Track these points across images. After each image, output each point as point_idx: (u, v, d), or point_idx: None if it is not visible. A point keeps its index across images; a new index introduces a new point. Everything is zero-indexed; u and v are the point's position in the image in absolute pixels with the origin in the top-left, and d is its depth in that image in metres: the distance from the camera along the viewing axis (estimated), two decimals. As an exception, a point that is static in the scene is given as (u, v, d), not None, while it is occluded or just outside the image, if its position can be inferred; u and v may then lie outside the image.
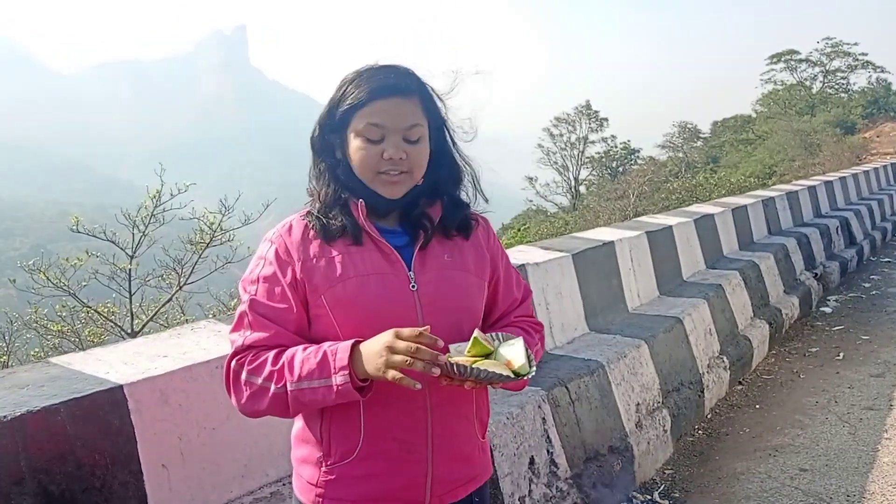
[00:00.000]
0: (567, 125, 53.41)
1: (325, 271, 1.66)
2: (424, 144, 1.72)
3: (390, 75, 1.70)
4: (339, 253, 1.68)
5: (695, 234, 6.47)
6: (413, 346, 1.46)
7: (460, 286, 1.74)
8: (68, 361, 2.31)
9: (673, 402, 4.46)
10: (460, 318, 1.72)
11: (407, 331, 1.50)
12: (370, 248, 1.70)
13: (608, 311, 4.76)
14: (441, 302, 1.70)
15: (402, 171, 1.68)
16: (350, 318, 1.65)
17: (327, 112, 1.74)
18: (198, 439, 2.28)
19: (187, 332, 2.66)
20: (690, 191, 31.69)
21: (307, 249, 1.69)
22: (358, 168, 1.69)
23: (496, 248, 1.88)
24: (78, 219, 10.78)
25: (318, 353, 1.58)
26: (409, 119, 1.68)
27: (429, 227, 1.75)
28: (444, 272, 1.72)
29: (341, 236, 1.70)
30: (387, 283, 1.67)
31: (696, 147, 54.25)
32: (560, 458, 3.38)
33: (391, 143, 1.67)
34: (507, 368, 1.50)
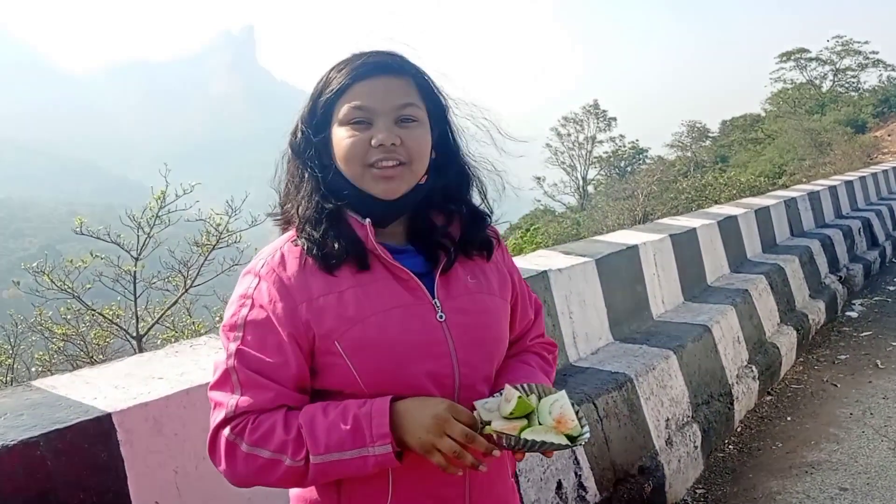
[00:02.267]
0: (575, 125, 53.12)
1: (336, 311, 1.37)
2: (423, 130, 1.44)
3: (377, 55, 1.45)
4: (348, 286, 1.39)
5: (718, 236, 6.22)
6: (469, 433, 1.29)
7: (489, 312, 1.51)
8: (52, 385, 2.08)
9: (703, 415, 4.21)
10: (491, 348, 1.50)
11: (464, 416, 1.33)
12: (382, 274, 1.42)
13: (632, 320, 4.51)
14: (473, 332, 1.46)
15: (399, 163, 1.39)
16: (372, 364, 1.38)
17: (309, 107, 1.47)
18: (196, 472, 2.05)
19: (185, 350, 2.43)
20: (700, 190, 31.39)
21: (308, 284, 1.39)
22: (344, 163, 1.41)
23: (511, 263, 1.65)
24: (82, 220, 10.62)
25: (348, 417, 1.32)
26: (401, 97, 1.41)
27: (450, 248, 1.49)
28: (470, 297, 1.48)
29: (344, 262, 1.41)
30: (411, 318, 1.40)
31: (704, 146, 53.82)
32: (589, 480, 3.15)
33: (381, 125, 1.39)
34: (558, 433, 1.31)
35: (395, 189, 1.40)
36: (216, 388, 1.39)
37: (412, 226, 1.50)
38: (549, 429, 1.30)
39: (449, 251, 1.48)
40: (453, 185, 1.52)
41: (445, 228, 1.51)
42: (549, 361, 1.67)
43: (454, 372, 1.42)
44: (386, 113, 1.39)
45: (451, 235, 1.50)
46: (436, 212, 1.52)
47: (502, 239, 1.66)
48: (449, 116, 1.51)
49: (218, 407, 1.37)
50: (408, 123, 1.40)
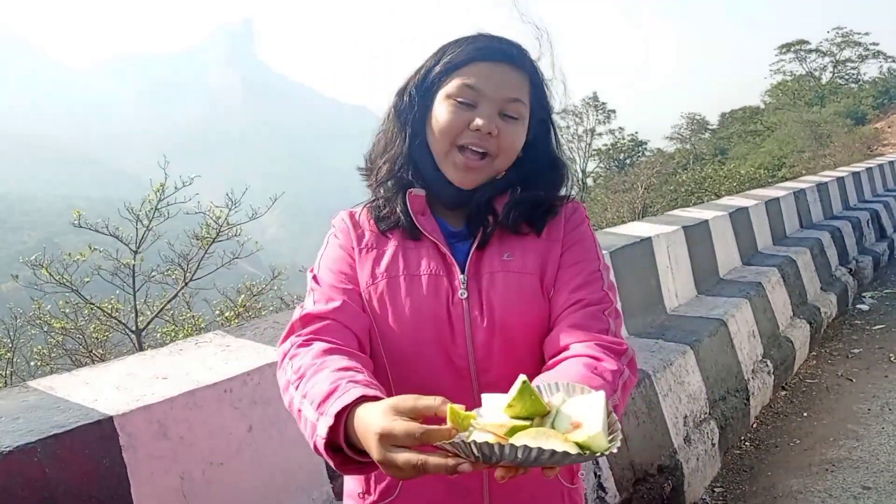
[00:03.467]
0: (574, 117, 52.88)
1: (372, 264, 1.39)
2: (521, 129, 1.39)
3: (503, 41, 1.40)
4: (393, 245, 1.40)
5: (730, 228, 6.09)
6: (418, 430, 0.96)
7: (516, 292, 1.34)
8: (50, 386, 1.95)
9: (720, 412, 4.10)
10: (517, 337, 1.34)
11: (407, 402, 1.01)
12: (427, 244, 1.39)
13: (647, 313, 4.39)
14: (492, 314, 1.33)
15: (486, 154, 1.35)
16: (389, 325, 1.35)
17: (422, 74, 1.42)
18: (203, 477, 1.93)
19: (190, 348, 2.31)
20: (699, 183, 31.25)
21: (362, 236, 1.43)
22: (436, 136, 1.37)
23: (574, 237, 1.42)
24: (80, 213, 10.46)
25: (336, 381, 1.15)
26: (514, 91, 1.36)
27: (489, 221, 1.39)
28: (497, 275, 1.35)
29: (397, 227, 1.41)
30: (436, 289, 1.35)
31: (704, 139, 53.66)
32: (608, 481, 3.03)
33: (485, 111, 1.34)
34: (567, 441, 0.92)
35: (473, 180, 1.38)
36: (306, 299, 1.42)
37: (474, 212, 1.42)
38: (551, 434, 0.92)
39: (487, 224, 1.40)
40: (533, 175, 1.44)
41: (490, 199, 1.41)
42: (606, 361, 1.23)
43: (468, 353, 1.34)
44: (494, 101, 1.35)
45: (495, 209, 1.42)
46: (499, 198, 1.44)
47: (579, 211, 1.46)
48: (552, 118, 1.47)
49: None
50: (510, 118, 1.36)
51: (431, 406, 0.98)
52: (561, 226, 1.43)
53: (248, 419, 2.06)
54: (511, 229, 1.40)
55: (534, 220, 1.42)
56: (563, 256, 1.40)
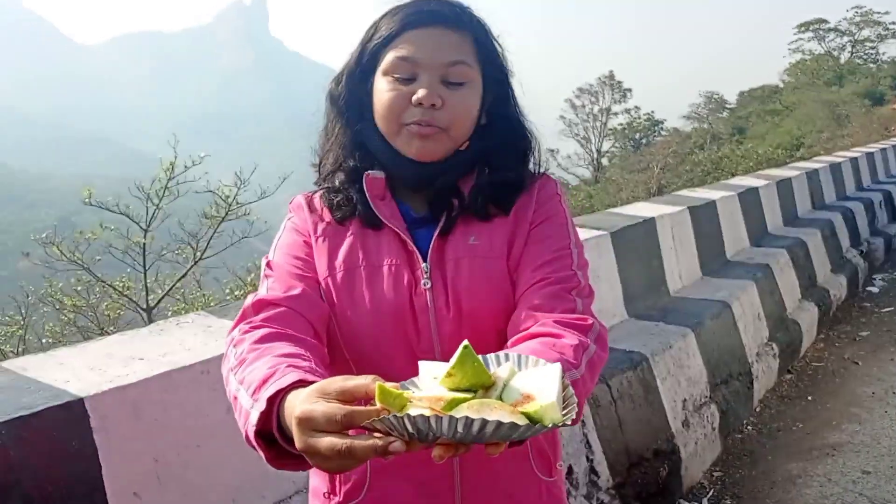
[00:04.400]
0: (590, 96, 52.41)
1: (329, 253, 1.30)
2: (471, 94, 1.28)
3: (433, 2, 1.28)
4: (350, 234, 1.31)
5: (739, 208, 6.00)
6: (339, 411, 0.84)
7: (483, 278, 1.25)
8: (23, 366, 1.93)
9: (721, 395, 4.04)
10: (487, 326, 1.25)
11: (335, 383, 0.89)
12: (387, 232, 1.30)
13: (648, 296, 4.33)
14: (458, 303, 1.25)
15: (436, 127, 1.24)
16: (348, 319, 1.26)
17: (356, 54, 1.33)
18: (178, 460, 1.91)
19: (171, 328, 2.28)
20: (716, 163, 30.92)
21: (317, 224, 1.34)
22: (380, 118, 1.28)
23: (544, 211, 1.31)
24: (91, 191, 10.49)
25: (274, 366, 1.03)
26: (452, 54, 1.25)
27: (454, 205, 1.30)
28: (463, 261, 1.26)
29: (353, 216, 1.32)
30: (396, 280, 1.26)
31: (721, 118, 53.08)
32: (601, 465, 2.99)
33: (424, 81, 1.24)
34: (515, 412, 0.80)
35: (431, 151, 1.26)
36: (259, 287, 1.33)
37: (438, 193, 1.32)
38: (495, 405, 0.80)
39: (452, 209, 1.30)
40: (499, 148, 1.34)
41: (453, 182, 1.32)
42: (568, 336, 1.12)
43: (433, 346, 1.24)
44: (432, 69, 1.24)
45: (460, 190, 1.32)
46: (461, 168, 1.33)
47: (550, 184, 1.36)
48: (508, 77, 1.35)
49: None
50: (455, 85, 1.25)
51: (361, 385, 0.86)
52: (532, 203, 1.33)
53: (225, 401, 2.01)
54: (478, 213, 1.30)
55: (501, 201, 1.32)
56: (531, 232, 1.30)
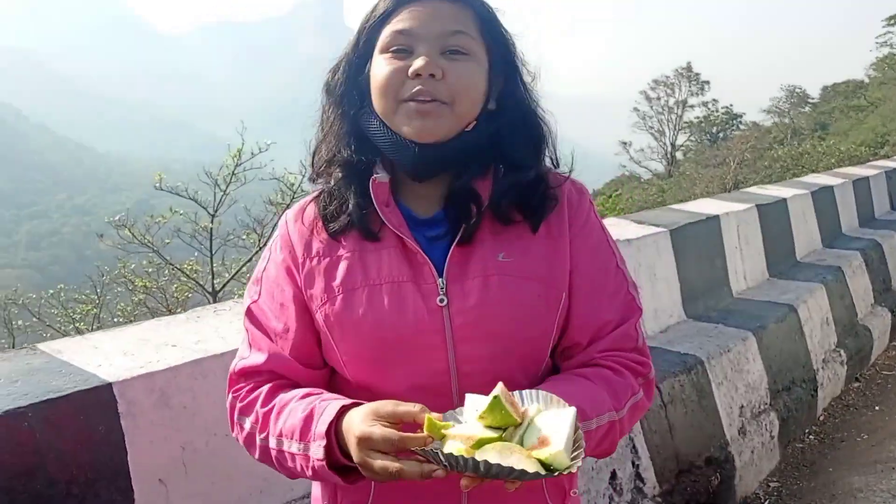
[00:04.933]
0: (665, 88, 51.18)
1: (325, 277, 1.20)
2: (475, 66, 1.18)
3: None
4: (348, 250, 1.20)
5: (811, 208, 5.73)
6: (395, 437, 0.98)
7: (517, 301, 1.17)
8: (58, 349, 1.94)
9: (782, 403, 3.86)
10: (513, 350, 1.18)
11: (387, 407, 1.03)
12: (391, 243, 1.19)
13: (709, 296, 4.16)
14: (484, 325, 1.15)
15: (438, 100, 1.14)
16: (353, 346, 1.18)
17: (353, 40, 1.24)
18: (206, 448, 1.89)
19: (208, 315, 2.28)
20: (796, 159, 29.77)
21: (311, 242, 1.23)
22: (377, 97, 1.18)
23: (584, 233, 1.24)
24: (161, 176, 10.77)
25: (309, 405, 1.14)
26: (451, 23, 1.16)
27: (473, 211, 1.19)
28: (492, 279, 1.16)
29: (352, 226, 1.21)
30: (404, 297, 1.16)
31: (803, 113, 51.13)
32: (647, 471, 2.88)
33: (422, 51, 1.15)
34: (528, 456, 0.94)
35: (432, 129, 1.15)
36: (241, 344, 1.29)
37: (450, 187, 1.22)
38: (514, 450, 0.94)
39: (470, 215, 1.19)
40: (506, 137, 1.23)
41: (469, 184, 1.21)
42: (621, 376, 1.20)
43: (449, 369, 1.16)
44: (430, 39, 1.15)
45: (477, 193, 1.20)
46: (476, 167, 1.23)
47: (584, 198, 1.28)
48: (517, 61, 1.25)
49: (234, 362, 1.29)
50: (456, 56, 1.16)
51: (410, 413, 1.00)
52: (564, 215, 1.24)
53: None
54: (502, 220, 1.20)
55: (527, 208, 1.22)
56: (575, 259, 1.22)
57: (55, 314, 13.13)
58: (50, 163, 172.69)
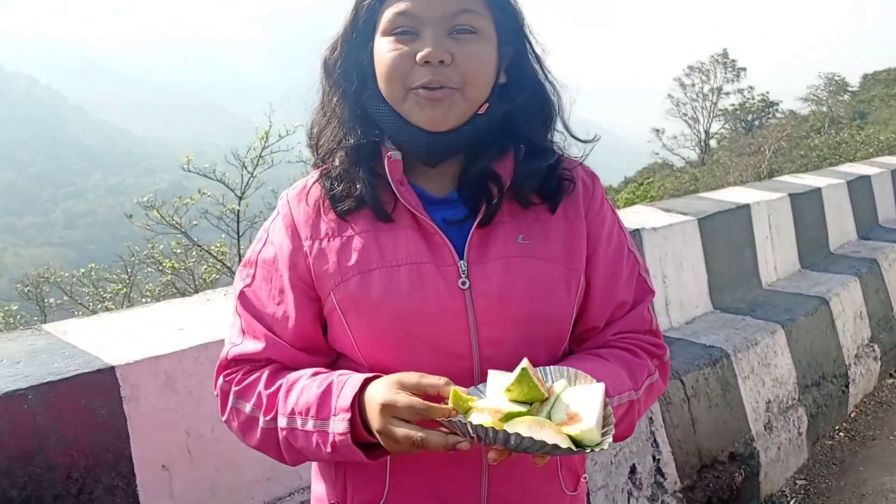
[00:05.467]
0: (700, 74, 50.36)
1: (337, 257, 1.14)
2: (485, 45, 1.12)
3: None
4: (360, 230, 1.15)
5: (847, 198, 5.56)
6: (420, 405, 0.97)
7: (540, 283, 1.15)
8: (63, 330, 1.92)
9: (811, 398, 3.75)
10: (533, 328, 1.14)
11: (412, 378, 1.01)
12: (406, 223, 1.14)
13: (737, 287, 4.05)
14: (507, 307, 1.13)
15: (448, 87, 1.09)
16: (368, 328, 1.13)
17: (351, 16, 1.18)
18: (211, 434, 1.86)
19: (218, 298, 2.24)
20: (833, 148, 29.15)
21: (318, 223, 1.17)
22: (383, 83, 1.13)
23: (599, 218, 1.23)
24: (189, 158, 10.81)
25: (325, 380, 1.10)
26: (455, 2, 1.09)
27: (494, 192, 1.15)
28: (514, 260, 1.14)
29: (362, 206, 1.15)
30: (424, 279, 1.11)
31: (842, 101, 50.03)
32: (668, 466, 2.80)
33: (428, 36, 1.09)
34: (557, 432, 0.92)
35: (443, 117, 1.11)
36: (230, 329, 1.25)
37: (464, 166, 1.19)
38: (546, 424, 0.92)
39: (491, 197, 1.15)
40: (521, 110, 1.19)
41: (489, 165, 1.17)
42: (638, 357, 1.21)
43: (472, 353, 1.12)
44: (436, 21, 1.09)
45: (498, 175, 1.17)
46: (495, 149, 1.19)
47: (597, 183, 1.27)
48: (526, 30, 1.19)
49: (225, 348, 1.24)
50: (464, 35, 1.10)
51: (435, 385, 0.99)
52: (579, 199, 1.22)
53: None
54: (522, 202, 1.18)
55: (545, 190, 1.19)
56: (592, 242, 1.21)
57: (86, 293, 13.31)
58: (86, 144, 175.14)
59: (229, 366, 1.22)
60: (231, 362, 1.21)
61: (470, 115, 1.14)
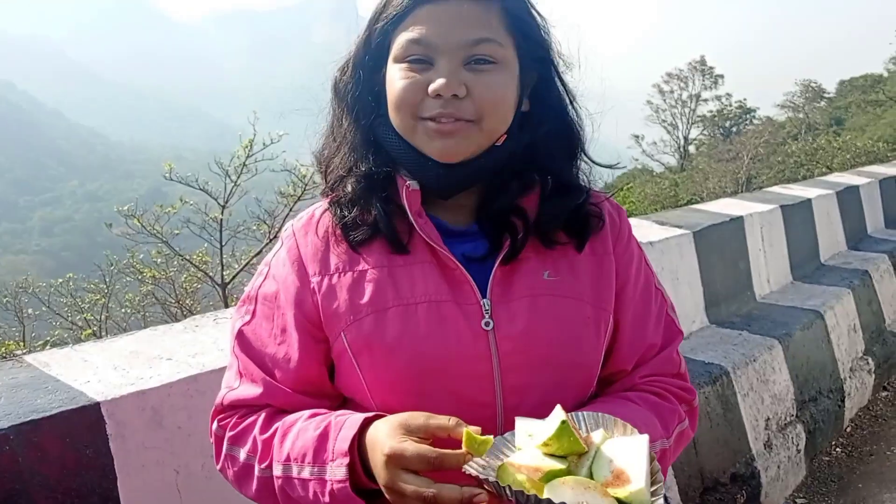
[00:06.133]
0: (679, 81, 50.76)
1: (349, 294, 1.05)
2: (504, 76, 1.04)
3: None
4: (374, 264, 1.06)
5: (836, 208, 5.54)
6: (432, 454, 0.86)
7: (568, 323, 1.07)
8: (46, 362, 1.81)
9: (809, 414, 3.70)
10: (561, 375, 1.07)
11: (418, 419, 0.91)
12: (424, 258, 1.06)
13: (732, 301, 4.00)
14: (534, 351, 1.04)
15: (462, 119, 1.01)
16: (382, 372, 1.04)
17: (363, 38, 1.09)
18: (202, 472, 1.76)
19: (207, 324, 2.14)
20: (810, 155, 29.46)
21: (328, 256, 1.08)
22: (393, 112, 1.05)
23: (627, 255, 1.17)
24: (171, 166, 10.64)
25: (322, 422, 1.00)
26: (475, 28, 1.01)
27: (519, 227, 1.08)
28: (540, 299, 1.06)
29: (376, 237, 1.07)
30: (444, 319, 1.03)
31: (818, 108, 50.62)
32: (671, 490, 2.73)
33: (442, 67, 1.00)
34: (604, 494, 0.83)
35: (455, 149, 1.03)
36: (228, 369, 1.16)
37: (482, 199, 1.12)
38: (591, 486, 0.83)
39: (516, 232, 1.08)
40: (546, 142, 1.11)
41: (514, 201, 1.10)
42: (669, 403, 1.15)
43: (496, 401, 1.04)
44: (451, 50, 1.01)
45: (524, 210, 1.09)
46: (517, 182, 1.12)
47: (624, 218, 1.20)
48: (553, 56, 1.11)
49: (221, 391, 1.15)
50: (481, 66, 1.02)
51: (445, 427, 0.89)
52: (607, 235, 1.16)
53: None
54: (547, 239, 1.10)
55: (572, 226, 1.12)
56: (621, 280, 1.15)
57: (64, 303, 13.06)
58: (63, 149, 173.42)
59: (225, 410, 1.13)
60: (227, 407, 1.13)
61: (486, 147, 1.06)
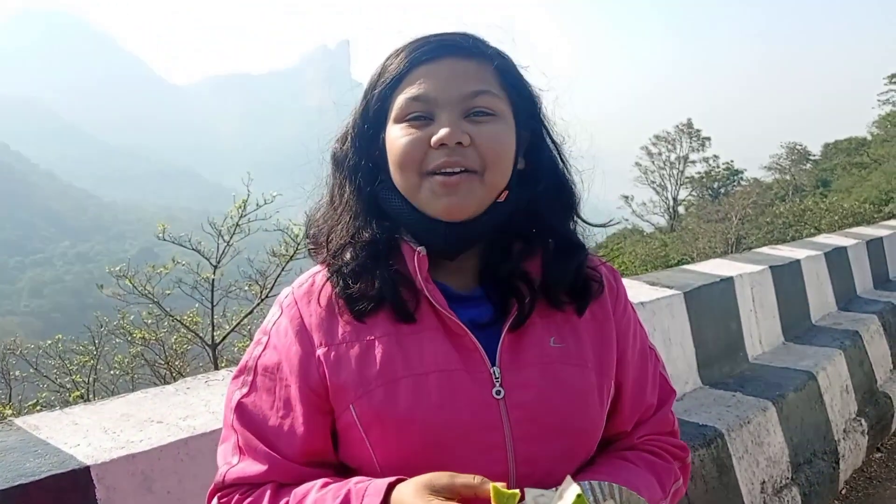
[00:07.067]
0: (667, 143, 51.60)
1: (357, 365, 1.04)
2: (503, 126, 1.06)
3: (443, 34, 1.08)
4: (381, 334, 1.05)
5: (825, 269, 5.59)
6: None
7: (576, 391, 1.07)
8: (35, 425, 1.79)
9: (804, 476, 3.67)
10: (570, 442, 1.07)
11: (443, 479, 0.90)
12: (430, 324, 1.06)
13: (724, 362, 4.00)
14: (544, 419, 1.04)
15: (467, 170, 1.02)
16: (393, 444, 1.02)
17: (361, 106, 1.11)
18: (192, 538, 1.73)
19: (199, 387, 2.13)
20: (798, 216, 29.81)
21: (333, 326, 1.07)
22: (397, 171, 1.06)
23: (629, 320, 1.18)
24: (164, 227, 10.67)
25: (341, 489, 0.98)
26: (472, 83, 1.04)
27: (525, 292, 1.08)
28: (550, 367, 1.06)
29: (380, 307, 1.06)
30: (455, 389, 1.02)
31: (805, 170, 51.41)
32: (667, 555, 2.69)
33: (444, 118, 1.02)
34: None
35: (460, 205, 1.04)
36: (223, 442, 1.11)
37: (486, 260, 1.12)
38: None
39: (523, 298, 1.08)
40: (543, 203, 1.13)
41: (519, 265, 1.11)
42: (665, 462, 1.18)
43: (509, 471, 1.03)
44: (451, 103, 1.03)
45: (529, 275, 1.10)
46: (518, 242, 1.13)
47: (619, 281, 1.22)
48: (543, 114, 1.14)
49: (219, 468, 1.10)
50: (481, 117, 1.04)
51: (470, 485, 0.90)
52: (606, 299, 1.17)
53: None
54: (551, 302, 1.11)
55: (574, 290, 1.13)
56: (621, 345, 1.16)
57: (52, 365, 12.90)
58: (55, 211, 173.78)
59: (225, 488, 1.09)
60: (228, 485, 1.09)
61: (489, 203, 1.07)
